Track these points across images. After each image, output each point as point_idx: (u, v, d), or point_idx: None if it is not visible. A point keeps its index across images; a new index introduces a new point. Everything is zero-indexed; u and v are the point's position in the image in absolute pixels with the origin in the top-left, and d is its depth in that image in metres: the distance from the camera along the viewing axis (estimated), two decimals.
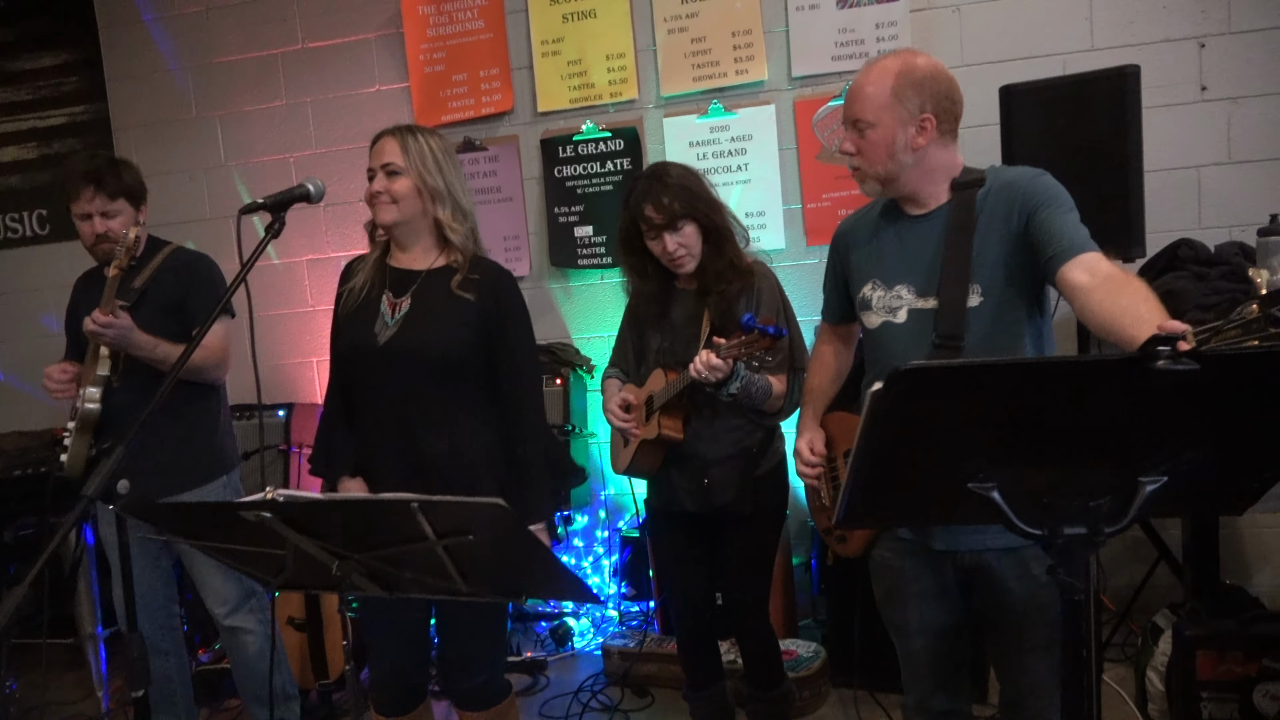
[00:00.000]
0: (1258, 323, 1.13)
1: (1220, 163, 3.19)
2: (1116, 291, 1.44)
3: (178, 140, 4.02)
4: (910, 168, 1.76)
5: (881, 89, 1.73)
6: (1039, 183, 1.71)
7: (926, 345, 1.74)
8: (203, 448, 2.61)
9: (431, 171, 2.03)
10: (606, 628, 3.60)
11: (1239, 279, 2.65)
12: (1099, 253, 1.58)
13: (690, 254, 2.25)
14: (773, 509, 2.36)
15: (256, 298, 3.96)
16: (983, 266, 1.71)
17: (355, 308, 2.10)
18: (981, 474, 1.06)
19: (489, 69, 3.69)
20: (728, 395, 2.10)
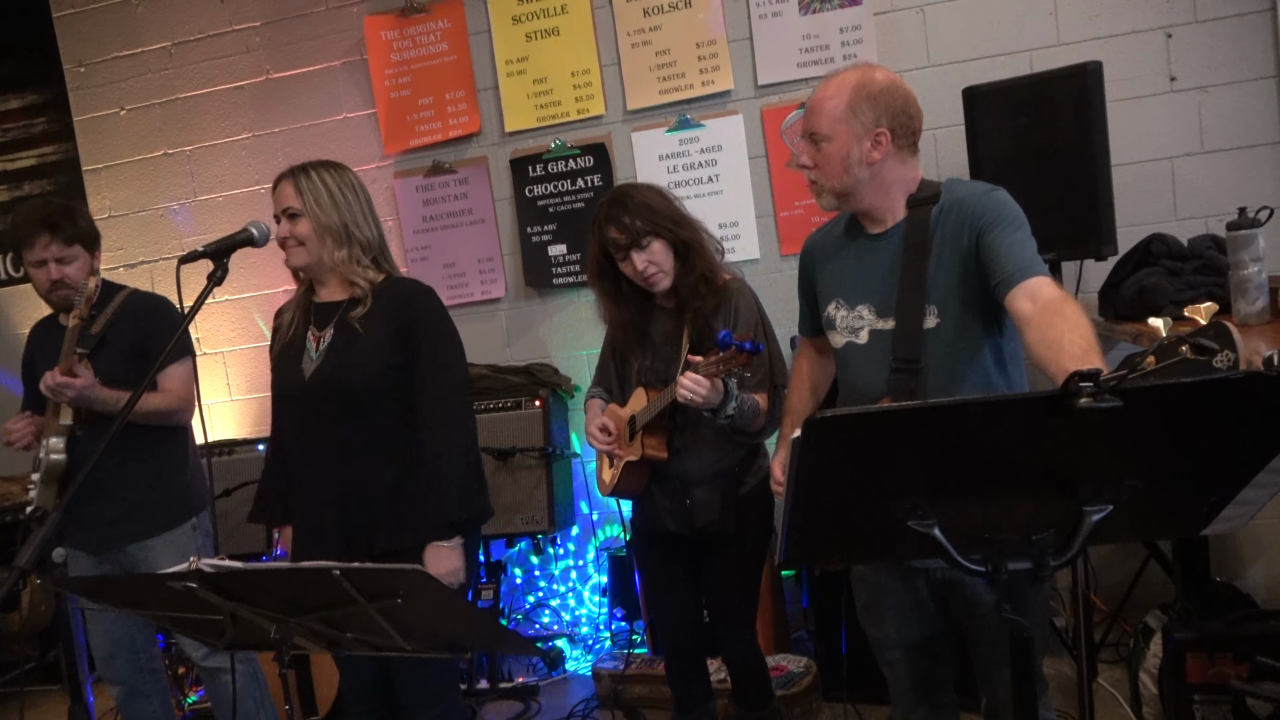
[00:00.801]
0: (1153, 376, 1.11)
1: (1193, 153, 3.16)
2: (1048, 323, 1.44)
3: (148, 177, 4.00)
4: (865, 182, 1.75)
5: (837, 103, 1.73)
6: (987, 201, 1.68)
7: (887, 367, 1.73)
8: (169, 491, 2.57)
9: (326, 209, 2.03)
10: (599, 649, 3.57)
11: (1213, 272, 2.61)
12: (1044, 276, 1.57)
13: (662, 271, 2.23)
14: (757, 528, 2.33)
15: (234, 330, 3.97)
16: (937, 287, 1.70)
17: (284, 346, 2.13)
18: (920, 511, 1.03)
19: (455, 91, 3.67)
20: (725, 418, 2.07)
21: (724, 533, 2.24)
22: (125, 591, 1.40)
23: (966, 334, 1.70)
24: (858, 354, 1.81)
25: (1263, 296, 2.29)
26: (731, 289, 2.25)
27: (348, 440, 2.02)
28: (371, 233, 2.10)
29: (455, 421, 2.05)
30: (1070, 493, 1.03)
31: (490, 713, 3.29)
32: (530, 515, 3.35)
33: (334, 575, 1.01)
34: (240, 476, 3.55)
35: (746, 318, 2.22)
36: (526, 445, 3.35)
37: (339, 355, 2.03)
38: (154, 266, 4.02)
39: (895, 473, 0.97)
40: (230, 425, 4.01)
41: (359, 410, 2.02)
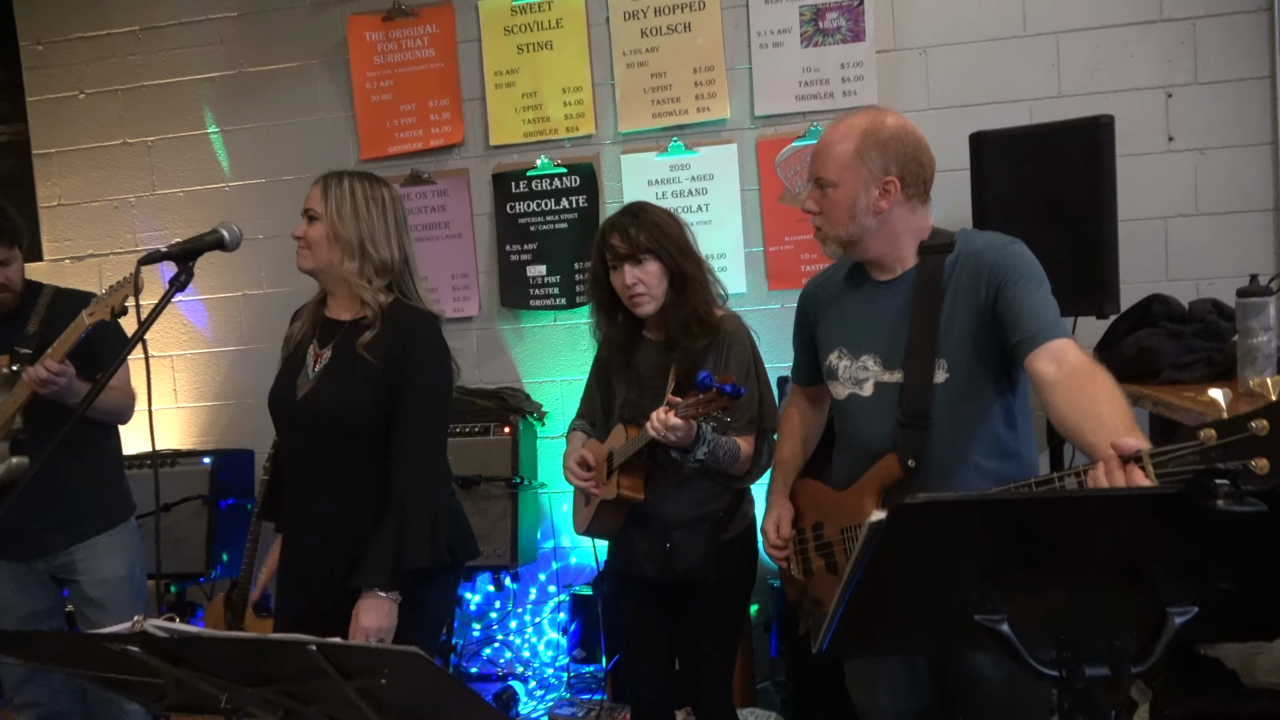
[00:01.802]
0: (1217, 452, 1.02)
1: (1187, 214, 3.14)
2: (1079, 389, 1.36)
3: (104, 167, 3.77)
4: (873, 231, 1.67)
5: (845, 148, 1.64)
6: (1009, 254, 1.60)
7: (893, 421, 1.64)
8: (112, 490, 2.52)
9: (345, 220, 1.95)
10: (555, 691, 3.40)
11: (1213, 337, 2.56)
12: (1068, 339, 1.49)
13: (650, 294, 2.11)
14: (739, 577, 2.19)
15: (184, 333, 3.75)
16: (949, 340, 1.61)
17: (289, 356, 2.08)
18: (989, 605, 0.91)
19: (439, 99, 3.52)
20: (694, 461, 1.95)
21: (705, 581, 2.11)
22: (52, 647, 1.22)
23: (977, 390, 1.62)
24: (861, 406, 1.72)
25: (1271, 366, 2.23)
26: (725, 328, 2.13)
27: (336, 468, 1.95)
28: (391, 254, 1.99)
29: (425, 463, 1.95)
30: (1153, 591, 0.92)
31: None
32: (493, 549, 3.17)
33: (310, 650, 0.85)
34: (183, 490, 3.32)
35: (738, 360, 2.10)
36: (493, 474, 3.18)
37: (332, 382, 1.96)
38: (103, 261, 3.78)
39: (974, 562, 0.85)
40: (174, 434, 3.77)
41: (347, 440, 1.95)
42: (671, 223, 2.15)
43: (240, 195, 3.69)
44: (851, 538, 1.72)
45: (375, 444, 1.95)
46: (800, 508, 1.91)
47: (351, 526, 1.94)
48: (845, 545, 1.74)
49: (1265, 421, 0.98)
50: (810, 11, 3.26)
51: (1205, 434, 1.03)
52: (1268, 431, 0.97)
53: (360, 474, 1.94)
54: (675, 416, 1.82)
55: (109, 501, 2.47)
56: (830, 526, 1.78)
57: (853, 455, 1.76)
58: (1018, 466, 1.64)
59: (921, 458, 1.61)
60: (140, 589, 2.49)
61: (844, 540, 1.75)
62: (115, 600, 2.42)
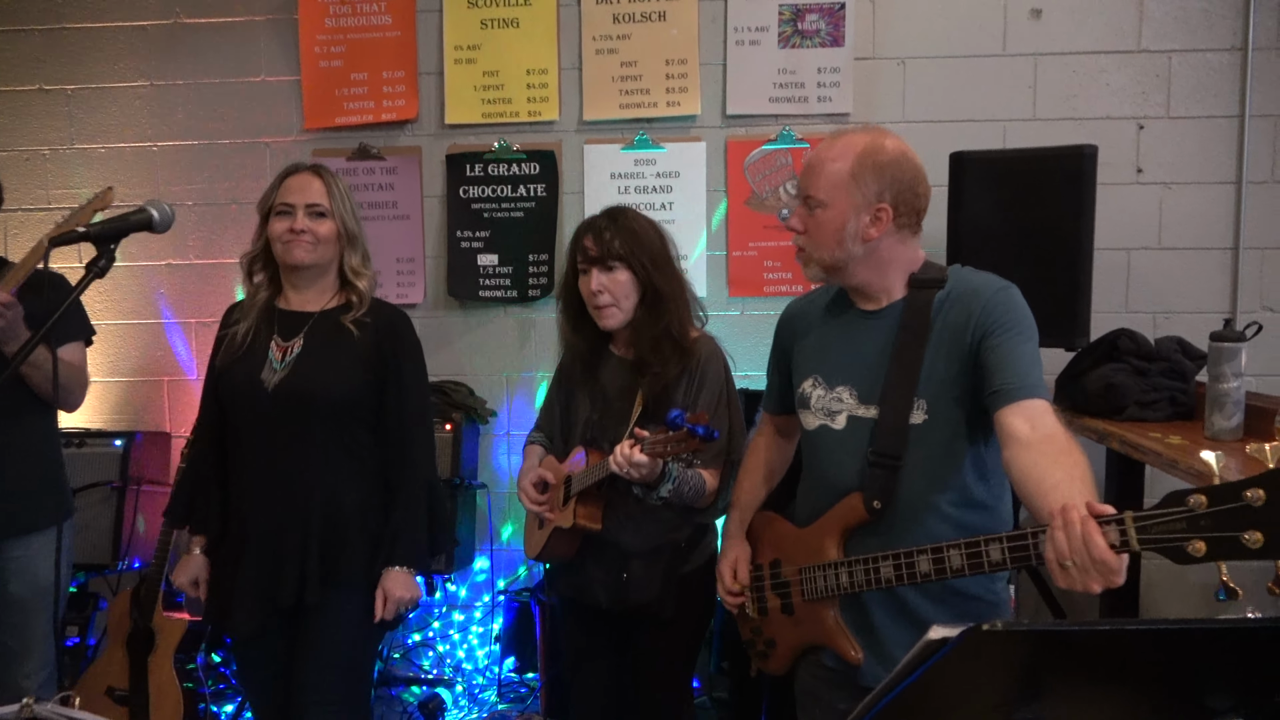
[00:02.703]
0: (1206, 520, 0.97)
1: (1150, 247, 3.14)
2: (1052, 460, 1.28)
3: (17, 113, 3.44)
4: (859, 259, 1.57)
5: (840, 167, 1.53)
6: (1001, 300, 1.52)
7: (862, 458, 1.55)
8: (50, 481, 2.32)
9: (349, 216, 2.02)
10: (485, 700, 3.25)
11: (1178, 376, 2.55)
12: (1046, 401, 1.41)
13: (615, 304, 1.99)
14: (697, 613, 2.08)
15: (101, 302, 3.46)
16: (931, 380, 1.52)
17: (240, 354, 2.01)
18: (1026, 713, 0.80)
19: (393, 70, 3.30)
20: (658, 499, 1.83)
21: (660, 615, 2.00)
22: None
23: (953, 436, 1.54)
24: (832, 440, 1.63)
25: (1239, 413, 2.22)
26: (700, 353, 2.00)
27: (315, 456, 1.97)
28: (368, 249, 2.10)
29: (427, 454, 2.08)
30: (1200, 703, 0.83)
31: None
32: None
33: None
34: (90, 474, 3.07)
35: (711, 389, 1.98)
36: None
37: (310, 367, 1.97)
38: (8, 217, 3.45)
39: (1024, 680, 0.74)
40: (85, 411, 3.47)
41: (328, 425, 1.97)
42: (652, 233, 2.02)
43: (168, 156, 3.41)
44: (811, 579, 1.62)
45: (355, 429, 1.99)
46: (758, 542, 1.81)
47: (333, 514, 1.96)
48: (803, 585, 1.64)
49: (1262, 491, 0.92)
50: (790, 11, 3.15)
51: (1195, 500, 0.97)
52: (1264, 502, 0.92)
53: (339, 461, 1.97)
54: (640, 453, 1.69)
55: (46, 495, 2.28)
56: (788, 565, 1.69)
57: (818, 491, 1.66)
58: (989, 519, 1.57)
59: (889, 500, 1.53)
60: (64, 597, 2.28)
61: (801, 581, 1.65)
62: (35, 610, 2.24)
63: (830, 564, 1.58)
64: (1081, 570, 1.10)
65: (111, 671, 2.81)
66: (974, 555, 1.33)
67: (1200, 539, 0.94)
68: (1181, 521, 0.97)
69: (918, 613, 1.55)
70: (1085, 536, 1.08)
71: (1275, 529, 0.89)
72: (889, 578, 1.47)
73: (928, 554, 1.40)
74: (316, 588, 1.92)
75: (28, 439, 2.24)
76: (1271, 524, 0.90)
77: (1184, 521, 0.97)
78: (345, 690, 1.96)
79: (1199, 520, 0.95)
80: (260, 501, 1.98)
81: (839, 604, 1.60)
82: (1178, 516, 0.97)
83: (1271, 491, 0.91)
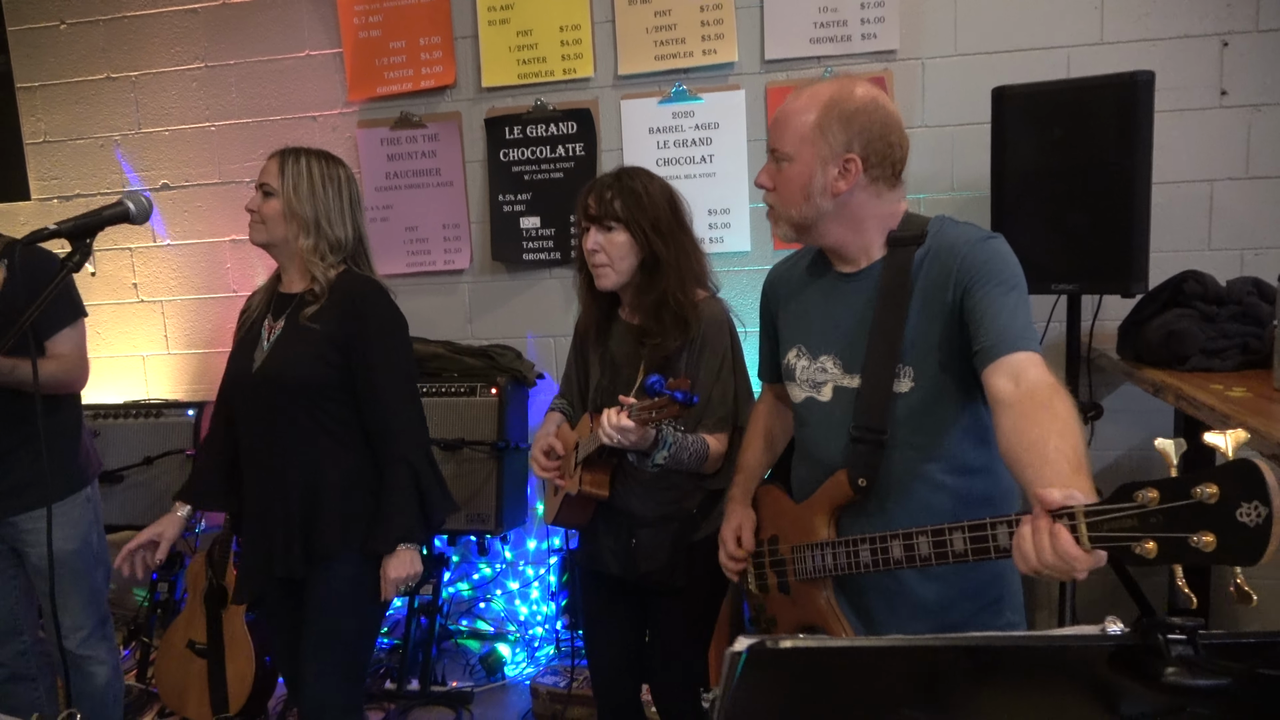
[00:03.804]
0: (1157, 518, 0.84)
1: (1236, 177, 2.85)
2: (1029, 416, 1.17)
3: (88, 102, 3.62)
4: (829, 216, 1.47)
5: (805, 119, 1.43)
6: (981, 251, 1.39)
7: (849, 433, 1.47)
8: (60, 462, 2.38)
9: (302, 198, 1.99)
10: (543, 654, 3.34)
11: (1251, 321, 2.33)
12: (1032, 353, 1.29)
13: (611, 265, 1.95)
14: (711, 579, 2.04)
15: (174, 278, 3.64)
16: (915, 346, 1.42)
17: (244, 335, 2.11)
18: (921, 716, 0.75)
19: (430, 37, 3.31)
20: (654, 466, 1.80)
21: (670, 584, 1.98)
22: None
23: (943, 402, 1.43)
24: (818, 413, 1.55)
25: None
26: (703, 317, 1.94)
27: (292, 436, 2.00)
28: (345, 233, 2.05)
29: (411, 427, 2.04)
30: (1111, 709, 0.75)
31: None
32: (476, 513, 3.08)
33: None
34: (164, 444, 3.26)
35: (713, 356, 1.93)
36: (476, 438, 3.06)
37: (283, 350, 2.01)
38: (90, 202, 3.66)
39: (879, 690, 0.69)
40: (165, 382, 3.70)
41: (302, 406, 1.99)
42: (659, 198, 1.95)
43: (225, 136, 3.53)
44: (802, 559, 1.57)
45: (333, 410, 2.01)
46: (759, 516, 1.76)
47: (312, 492, 1.99)
48: (795, 565, 1.58)
49: (1215, 487, 0.80)
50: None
51: (1146, 495, 0.85)
52: (1217, 499, 0.80)
53: (317, 440, 2.00)
54: (627, 418, 1.66)
55: (56, 474, 2.35)
56: (784, 543, 1.63)
57: (808, 465, 1.60)
58: (989, 483, 1.46)
59: (874, 476, 1.45)
60: (95, 559, 2.42)
61: (794, 560, 1.59)
62: (61, 574, 2.36)
63: (818, 545, 1.52)
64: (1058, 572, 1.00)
65: (192, 626, 3.02)
66: (940, 545, 1.26)
67: (1151, 539, 0.83)
68: (1133, 518, 0.85)
69: (914, 593, 1.48)
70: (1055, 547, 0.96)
71: (1230, 531, 0.77)
72: (867, 562, 1.41)
73: (899, 539, 1.33)
74: (301, 562, 1.99)
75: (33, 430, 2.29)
76: (1225, 525, 0.78)
77: (1135, 518, 0.85)
78: (334, 659, 2.02)
79: (1149, 518, 0.83)
80: (251, 479, 2.07)
81: (832, 585, 1.55)
82: (1129, 513, 0.86)
83: (1226, 487, 0.79)
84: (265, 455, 2.03)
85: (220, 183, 3.57)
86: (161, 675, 3.02)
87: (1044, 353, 2.98)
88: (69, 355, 2.32)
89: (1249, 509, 0.76)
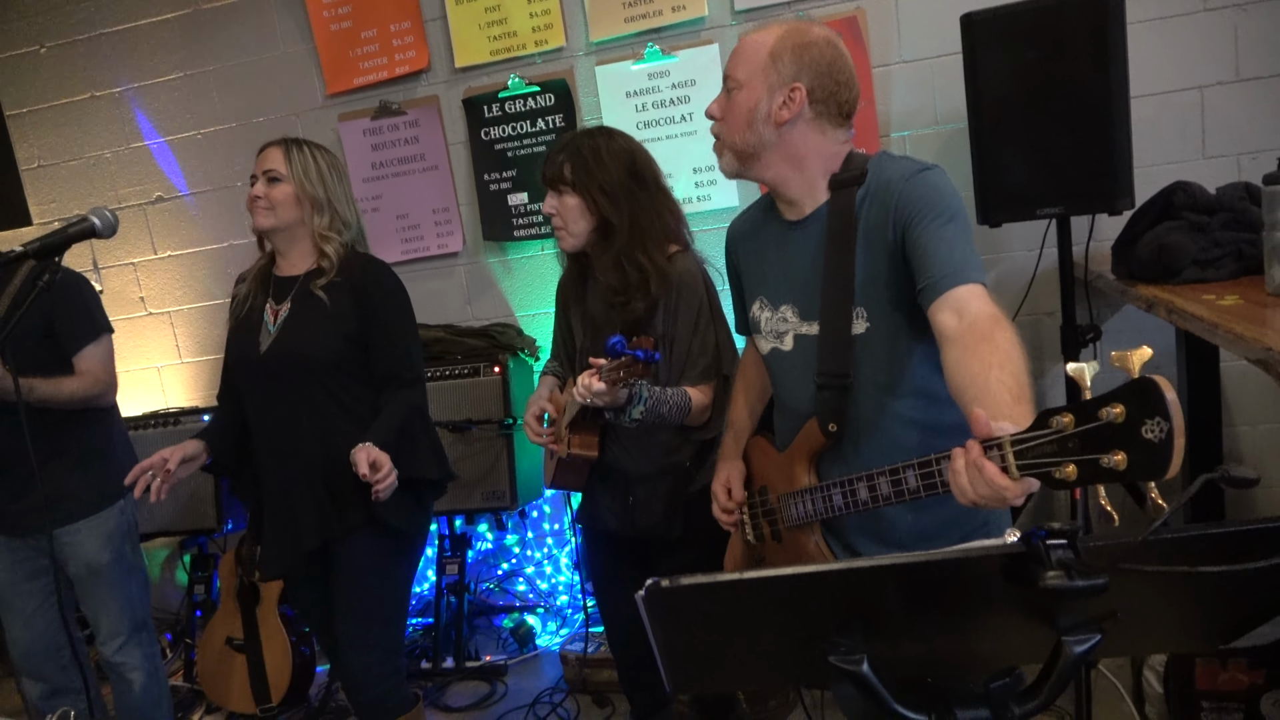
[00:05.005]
0: (1074, 442, 0.84)
1: (1226, 81, 2.78)
2: (971, 350, 1.17)
3: (75, 123, 3.67)
4: (771, 146, 1.47)
5: (759, 50, 1.45)
6: (916, 185, 1.38)
7: (813, 380, 1.47)
8: (93, 475, 2.43)
9: (313, 181, 2.06)
10: (572, 622, 3.40)
11: (1244, 227, 2.28)
12: (974, 285, 1.28)
13: (566, 230, 1.98)
14: (708, 531, 2.07)
15: (180, 288, 3.70)
16: (866, 286, 1.42)
17: (242, 319, 2.15)
18: (844, 647, 0.77)
19: (399, 23, 3.30)
20: (630, 421, 1.82)
21: (668, 536, 2.01)
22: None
23: (900, 338, 1.43)
24: (783, 362, 1.57)
25: None
26: (674, 272, 1.94)
27: (308, 415, 2.05)
28: (351, 216, 2.14)
29: (417, 394, 2.11)
30: (1045, 620, 0.76)
31: (455, 695, 3.13)
32: (491, 490, 3.13)
33: None
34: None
35: (688, 311, 1.94)
36: (483, 418, 3.10)
37: (296, 330, 2.05)
38: None
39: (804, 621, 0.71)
40: (181, 390, 3.78)
41: (317, 384, 2.04)
42: (614, 160, 1.95)
43: (212, 142, 3.57)
44: (788, 506, 1.59)
45: (348, 384, 2.06)
46: (751, 467, 1.78)
47: (332, 470, 2.02)
48: (783, 513, 1.60)
49: (1121, 408, 0.80)
50: None
51: (1061, 420, 0.84)
52: (1123, 419, 0.80)
53: (333, 418, 2.04)
54: (599, 381, 1.68)
55: (86, 487, 2.40)
56: (773, 492, 1.66)
57: (783, 416, 1.62)
58: (957, 412, 1.47)
59: (844, 421, 1.46)
60: (128, 570, 2.48)
61: (780, 508, 1.61)
62: (97, 585, 2.43)
63: (800, 492, 1.54)
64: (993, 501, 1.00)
65: (228, 623, 3.11)
66: (897, 484, 1.28)
67: (1070, 462, 0.83)
68: (1053, 444, 0.85)
69: (896, 527, 1.49)
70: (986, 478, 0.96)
71: (1138, 448, 0.77)
72: (840, 505, 1.43)
73: (864, 481, 1.35)
74: (326, 536, 2.04)
75: (65, 443, 2.36)
76: (1132, 443, 0.78)
77: (1054, 444, 0.85)
78: (370, 629, 2.09)
79: (1067, 442, 0.83)
80: (268, 458, 2.11)
81: (820, 528, 1.57)
82: (1049, 438, 0.86)
83: (1131, 407, 0.79)
84: (282, 435, 2.07)
85: (212, 189, 3.61)
86: (204, 673, 3.12)
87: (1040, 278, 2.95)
88: (93, 371, 2.36)
89: (1152, 425, 0.76)
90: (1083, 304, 2.65)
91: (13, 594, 2.44)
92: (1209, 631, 0.80)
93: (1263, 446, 2.89)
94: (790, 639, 0.74)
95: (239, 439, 2.18)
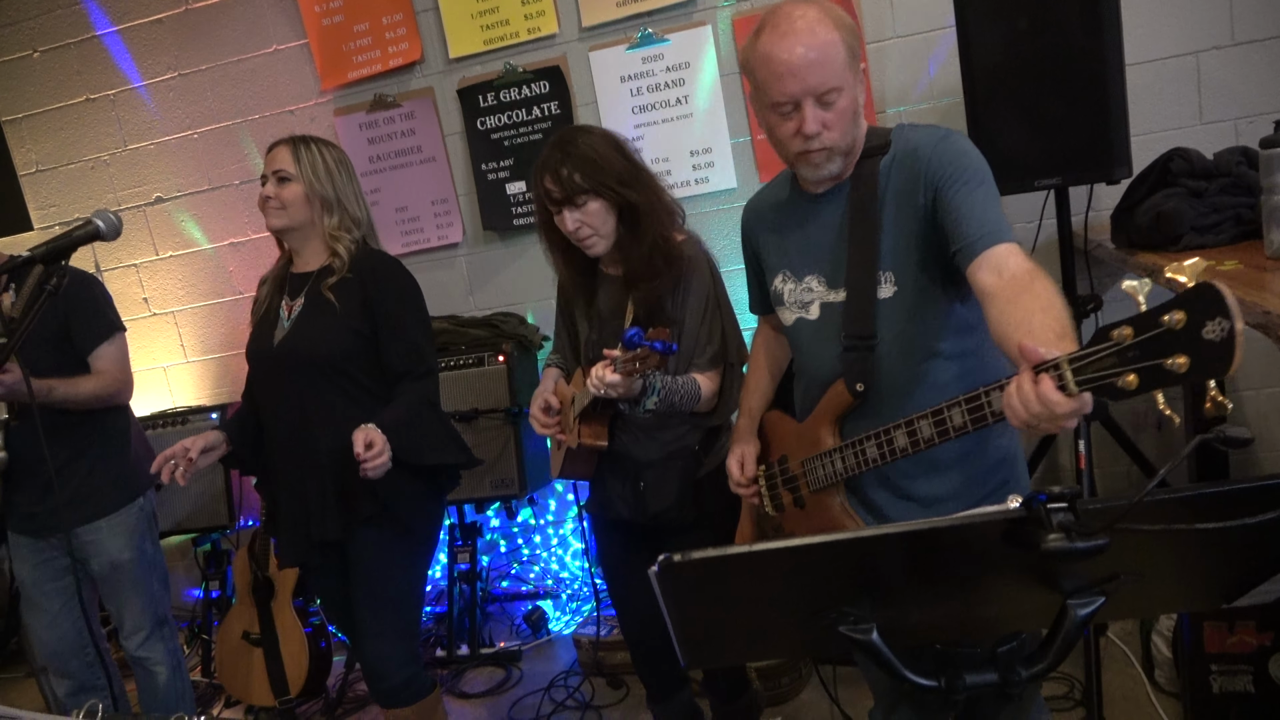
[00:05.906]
0: (1134, 351, 0.89)
1: (1221, 45, 2.78)
2: (1014, 300, 1.22)
3: (71, 126, 3.68)
4: (860, 133, 1.50)
5: (835, 49, 1.40)
6: (944, 151, 1.41)
7: (840, 344, 1.51)
8: (112, 474, 2.46)
9: (321, 179, 2.08)
10: (583, 609, 3.42)
11: (1243, 191, 2.28)
12: (1010, 243, 1.32)
13: (597, 234, 1.95)
14: (721, 512, 2.09)
15: (182, 288, 3.71)
16: (893, 251, 1.46)
17: (261, 316, 2.19)
18: (853, 617, 0.78)
19: (392, 15, 3.30)
20: (644, 412, 1.83)
21: (681, 521, 2.02)
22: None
23: (928, 303, 1.47)
24: (809, 331, 1.60)
25: None
26: (684, 259, 1.95)
27: (318, 408, 2.06)
28: (361, 213, 2.16)
29: (427, 382, 2.13)
30: (1049, 584, 0.78)
31: (471, 681, 3.16)
32: (499, 478, 3.15)
33: None
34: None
35: (697, 298, 1.94)
36: (489, 406, 3.11)
37: (306, 325, 2.08)
38: None
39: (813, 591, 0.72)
40: (189, 388, 3.80)
41: (328, 377, 2.06)
42: (609, 150, 1.93)
43: (209, 141, 3.57)
44: (813, 470, 1.61)
45: (359, 378, 2.08)
46: (767, 441, 1.80)
47: (339, 461, 2.02)
48: (807, 479, 1.63)
49: (1182, 314, 0.85)
50: None
51: (1120, 332, 0.90)
52: (1184, 324, 0.85)
53: (343, 412, 2.03)
54: (613, 373, 1.69)
55: (108, 486, 2.43)
56: (794, 460, 1.68)
57: (807, 383, 1.65)
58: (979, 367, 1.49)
59: (870, 380, 1.49)
60: (150, 566, 2.51)
61: (805, 473, 1.64)
62: (119, 582, 2.46)
63: (826, 453, 1.57)
64: (1046, 420, 1.03)
65: (244, 618, 3.14)
66: (940, 424, 1.31)
67: (1131, 371, 0.88)
68: (1112, 357, 0.90)
69: (914, 490, 1.52)
70: (1039, 396, 1.00)
71: (1198, 350, 0.83)
72: (874, 457, 1.46)
73: (902, 428, 1.38)
74: (339, 526, 2.06)
75: (84, 443, 2.40)
76: (1193, 346, 0.83)
77: (1114, 356, 0.90)
78: (388, 618, 2.12)
79: (1127, 353, 0.88)
80: (281, 452, 2.13)
81: (843, 489, 1.59)
82: (1108, 352, 0.90)
83: (1190, 312, 0.84)
84: (294, 428, 2.09)
85: (210, 188, 3.62)
86: (223, 668, 3.16)
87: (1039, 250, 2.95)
88: (110, 370, 2.38)
89: (1214, 325, 0.81)
90: (1083, 274, 2.65)
91: (38, 594, 2.47)
92: (1211, 591, 0.82)
93: (1267, 410, 2.90)
94: (801, 610, 0.75)
95: (258, 432, 2.20)
